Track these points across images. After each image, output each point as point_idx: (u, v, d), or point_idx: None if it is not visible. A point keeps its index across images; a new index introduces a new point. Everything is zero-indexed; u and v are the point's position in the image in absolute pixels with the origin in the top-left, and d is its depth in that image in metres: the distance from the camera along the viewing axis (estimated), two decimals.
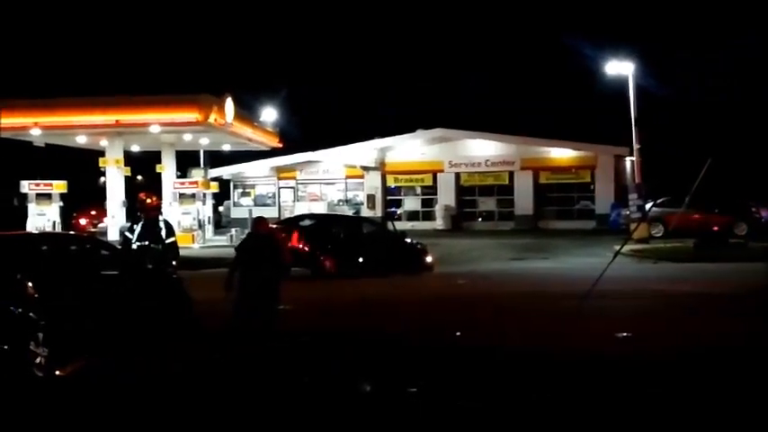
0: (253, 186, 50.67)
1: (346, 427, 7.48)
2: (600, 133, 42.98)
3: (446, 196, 46.08)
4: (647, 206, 29.53)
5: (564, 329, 11.89)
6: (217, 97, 32.46)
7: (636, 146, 31.79)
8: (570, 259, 25.59)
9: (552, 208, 45.19)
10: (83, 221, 47.39)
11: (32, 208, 35.67)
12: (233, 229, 35.26)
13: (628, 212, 31.70)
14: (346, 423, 7.54)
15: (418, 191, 48.04)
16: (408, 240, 23.74)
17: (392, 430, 7.40)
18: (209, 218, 38.13)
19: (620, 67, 32.38)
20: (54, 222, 35.24)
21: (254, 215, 19.02)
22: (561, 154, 45.18)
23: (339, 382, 8.86)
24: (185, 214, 34.44)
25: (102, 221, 43.52)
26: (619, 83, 33.08)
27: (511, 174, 45.68)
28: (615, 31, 60.32)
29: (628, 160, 40.28)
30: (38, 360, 9.30)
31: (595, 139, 43.30)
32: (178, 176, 38.40)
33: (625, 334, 11.35)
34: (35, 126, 32.82)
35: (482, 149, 46.07)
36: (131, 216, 28.93)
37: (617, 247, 20.88)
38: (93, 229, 43.10)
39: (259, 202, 49.19)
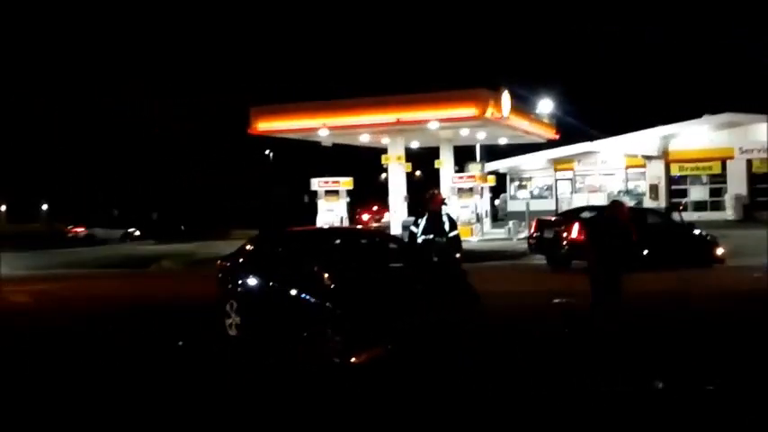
0: (529, 179, 50.35)
1: None
2: None
3: (737, 185, 43.17)
4: None
5: None
6: (493, 91, 32.45)
7: None
8: None
9: None
10: (365, 217, 49.67)
11: (322, 204, 37.49)
12: (510, 222, 35.21)
13: None
14: None
15: (705, 180, 45.39)
16: (696, 232, 22.41)
17: None
18: (486, 211, 38.40)
19: None
20: (341, 218, 36.90)
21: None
22: None
23: None
24: (464, 208, 34.87)
25: (383, 217, 45.34)
26: None
27: None
28: None
29: None
30: (334, 347, 9.78)
31: None
32: (456, 171, 39.04)
33: None
34: (324, 127, 34.60)
35: None
36: (413, 211, 29.83)
37: None
38: (375, 224, 44.95)
39: (536, 194, 48.84)
